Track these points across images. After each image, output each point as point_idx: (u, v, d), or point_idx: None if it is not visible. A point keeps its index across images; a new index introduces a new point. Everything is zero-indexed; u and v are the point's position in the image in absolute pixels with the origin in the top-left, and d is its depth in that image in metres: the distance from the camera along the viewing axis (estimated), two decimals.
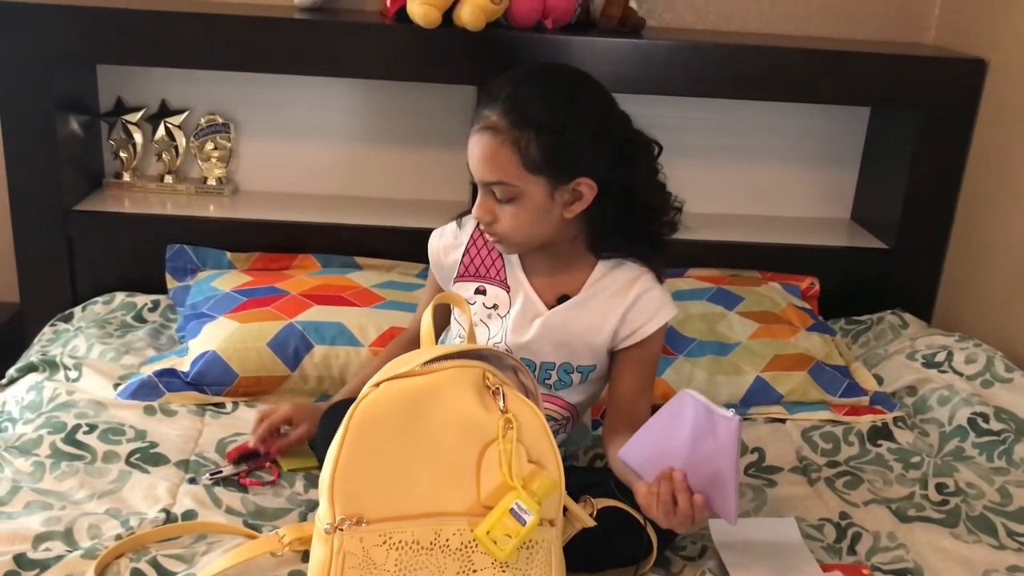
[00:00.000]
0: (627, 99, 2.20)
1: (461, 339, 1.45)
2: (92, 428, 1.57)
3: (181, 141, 2.21)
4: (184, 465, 1.52)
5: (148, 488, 1.44)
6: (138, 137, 2.20)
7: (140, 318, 2.01)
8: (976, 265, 2.11)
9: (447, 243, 1.50)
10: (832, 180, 2.39)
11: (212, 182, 2.23)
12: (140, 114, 2.18)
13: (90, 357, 1.80)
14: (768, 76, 2.05)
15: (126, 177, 2.22)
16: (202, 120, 2.20)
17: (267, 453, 1.53)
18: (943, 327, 2.12)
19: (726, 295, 2.02)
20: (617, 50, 2.00)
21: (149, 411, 1.66)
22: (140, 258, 2.09)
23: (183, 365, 1.75)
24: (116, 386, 1.71)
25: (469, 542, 1.08)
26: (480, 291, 1.45)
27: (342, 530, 1.07)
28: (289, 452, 1.54)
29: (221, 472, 1.49)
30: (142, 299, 2.05)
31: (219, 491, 1.45)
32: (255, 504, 1.43)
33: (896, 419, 1.78)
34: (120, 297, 2.05)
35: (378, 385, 1.11)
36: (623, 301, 1.40)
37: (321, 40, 1.97)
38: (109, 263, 2.10)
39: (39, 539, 1.28)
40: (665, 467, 1.20)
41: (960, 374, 1.85)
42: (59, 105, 2.00)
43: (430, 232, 1.53)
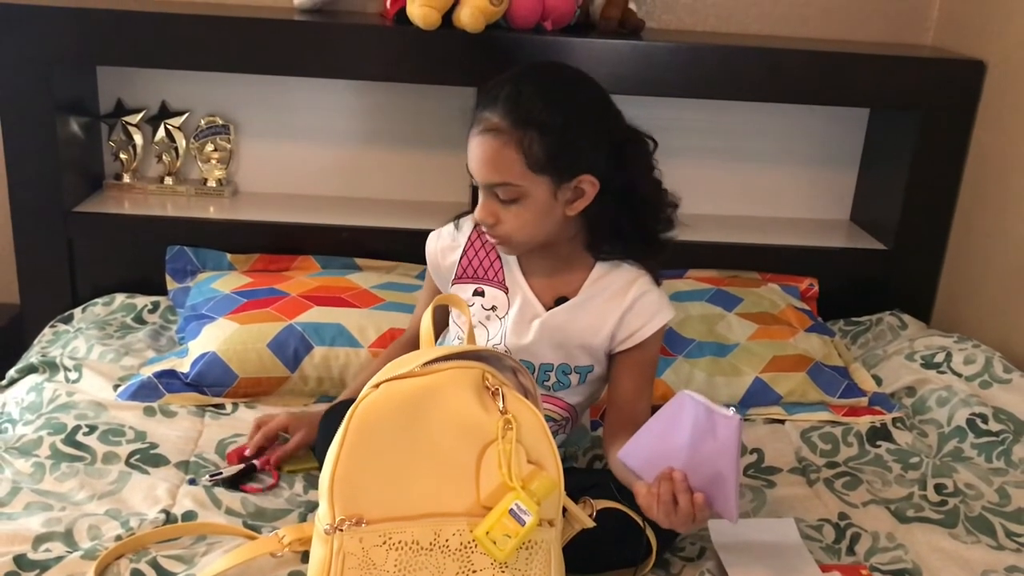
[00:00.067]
0: (626, 100, 2.20)
1: (460, 341, 1.46)
2: (92, 429, 1.57)
3: (181, 143, 2.21)
4: (184, 466, 1.53)
5: (148, 489, 1.45)
6: (138, 139, 2.20)
7: (140, 319, 2.01)
8: (975, 266, 2.11)
9: (444, 245, 1.50)
10: (831, 181, 2.39)
11: (212, 183, 2.23)
12: (140, 116, 2.19)
13: (90, 358, 1.80)
14: (767, 78, 2.05)
15: (126, 179, 2.22)
16: (202, 122, 2.20)
17: (266, 462, 1.53)
18: (942, 328, 2.12)
19: (725, 296, 2.02)
20: (616, 52, 2.00)
21: (149, 412, 1.66)
22: (140, 259, 2.09)
23: (183, 366, 1.75)
24: (116, 387, 1.71)
25: (469, 542, 1.08)
26: (478, 293, 1.45)
27: (342, 531, 1.07)
28: (288, 459, 1.55)
29: (221, 473, 1.49)
30: (142, 300, 2.05)
31: (219, 492, 1.45)
32: (255, 505, 1.43)
33: (895, 420, 1.78)
34: (120, 298, 2.05)
35: (378, 386, 1.11)
36: (621, 303, 1.40)
37: (321, 42, 1.97)
38: (109, 264, 2.10)
39: (39, 540, 1.28)
40: (665, 468, 1.20)
41: (959, 375, 1.85)
42: (59, 107, 2.00)
43: (430, 233, 1.53)
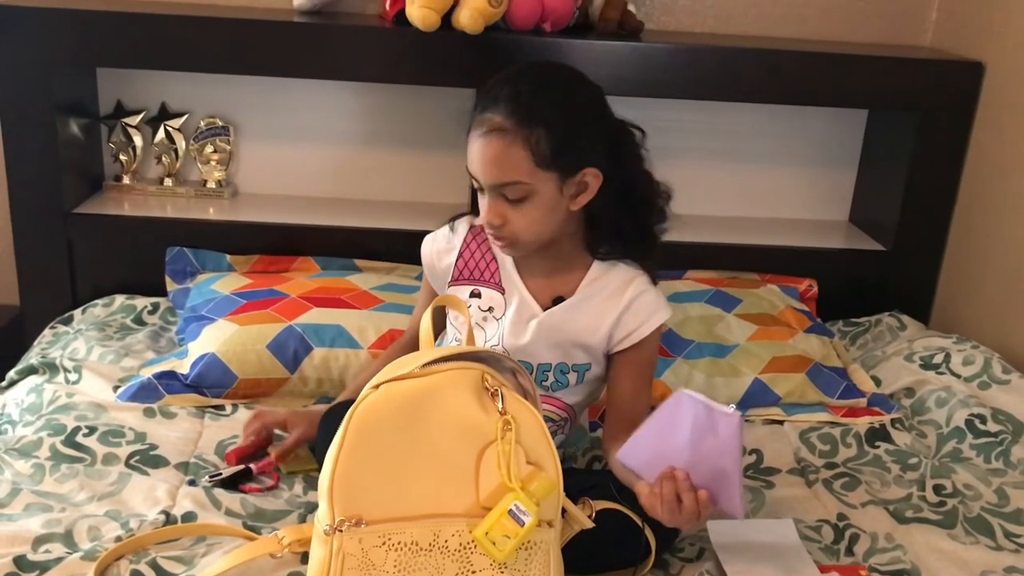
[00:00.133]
0: (625, 102, 2.21)
1: (458, 342, 1.46)
2: (92, 430, 1.58)
3: (181, 144, 2.21)
4: (184, 467, 1.53)
5: (148, 490, 1.45)
6: (138, 140, 2.20)
7: (140, 320, 2.01)
8: (974, 267, 2.12)
9: (440, 248, 1.50)
10: (830, 182, 2.39)
11: (212, 185, 2.23)
12: (140, 117, 2.19)
13: (90, 359, 1.80)
14: (766, 79, 2.06)
15: (126, 180, 2.22)
16: (202, 123, 2.21)
17: (266, 465, 1.53)
18: (941, 329, 2.13)
19: (724, 297, 2.03)
20: (615, 53, 2.01)
21: (149, 413, 1.66)
22: (140, 261, 2.10)
23: (183, 367, 1.75)
24: (116, 388, 1.72)
25: (468, 543, 1.08)
26: (475, 294, 1.45)
27: (341, 531, 1.07)
28: (286, 456, 1.55)
29: (220, 474, 1.49)
30: (142, 302, 2.05)
31: (218, 493, 1.45)
32: (255, 506, 1.43)
33: (894, 421, 1.78)
34: (120, 300, 2.05)
35: (377, 387, 1.11)
36: (618, 304, 1.41)
37: (320, 43, 1.97)
38: (109, 266, 2.10)
39: (39, 541, 1.29)
40: (666, 467, 1.20)
41: (958, 376, 1.85)
42: (59, 108, 2.00)
43: (425, 236, 1.53)
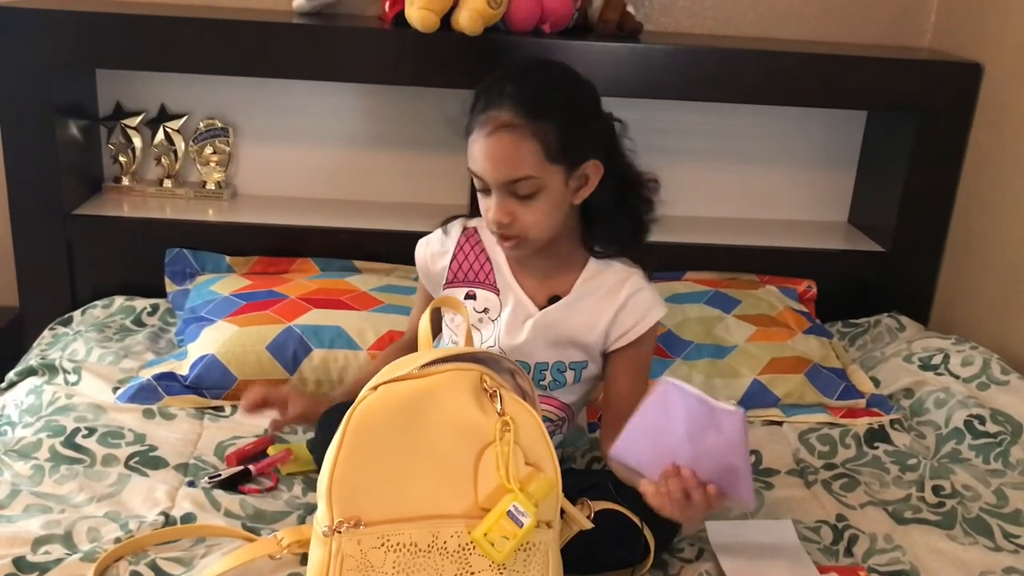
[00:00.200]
0: (625, 103, 2.21)
1: (454, 345, 1.46)
2: (91, 431, 1.58)
3: (180, 145, 2.22)
4: (183, 468, 1.53)
5: (147, 491, 1.45)
6: (137, 141, 2.20)
7: (139, 322, 2.01)
8: (973, 268, 2.12)
9: (434, 251, 1.50)
10: (829, 183, 2.39)
11: (211, 186, 2.23)
12: (139, 118, 2.19)
13: (89, 361, 1.81)
14: (765, 80, 2.06)
15: (125, 181, 2.22)
16: (201, 124, 2.21)
17: (265, 466, 1.53)
18: (940, 330, 2.13)
19: (723, 298, 2.03)
20: (615, 54, 2.01)
21: (148, 414, 1.66)
22: (139, 262, 2.10)
23: (182, 369, 1.75)
24: (115, 390, 1.72)
25: (467, 544, 1.08)
26: (470, 296, 1.46)
27: (340, 532, 1.07)
28: (278, 428, 1.50)
29: (220, 475, 1.49)
30: (141, 303, 2.06)
31: (218, 494, 1.45)
32: (254, 507, 1.43)
33: (893, 421, 1.78)
34: (119, 301, 2.05)
35: (376, 388, 1.11)
36: (614, 302, 1.41)
37: (320, 45, 1.97)
38: (108, 267, 2.10)
39: (38, 542, 1.29)
40: (667, 463, 1.20)
41: (956, 377, 1.86)
42: (58, 110, 2.00)
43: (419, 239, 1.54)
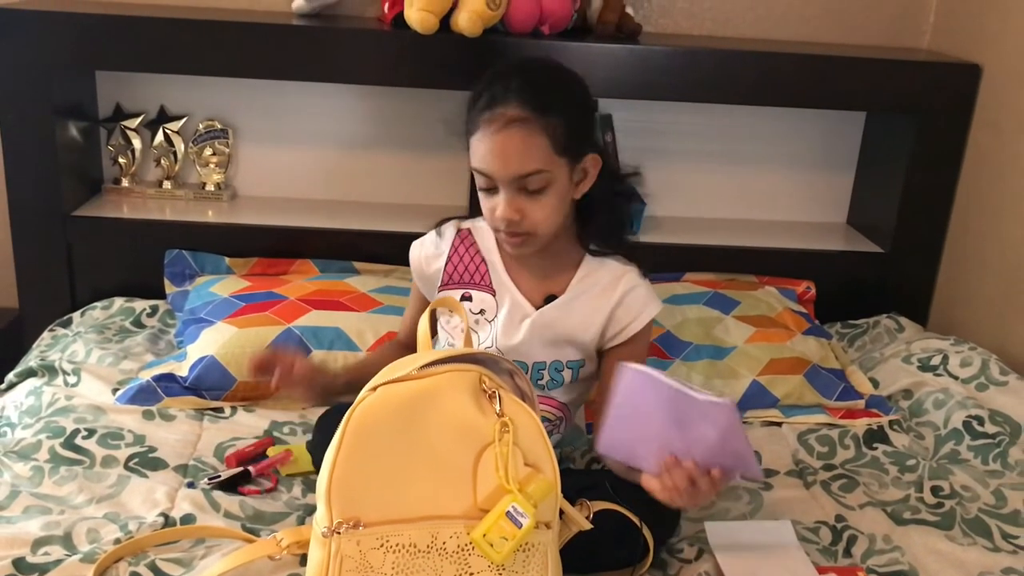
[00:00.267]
0: (624, 104, 2.22)
1: (450, 346, 1.46)
2: (91, 433, 1.58)
3: (180, 147, 2.22)
4: (183, 470, 1.53)
5: (147, 492, 1.45)
6: (137, 143, 2.20)
7: (139, 323, 2.01)
8: (971, 269, 2.12)
9: (428, 253, 1.50)
10: (828, 184, 2.39)
11: (210, 187, 2.23)
12: (139, 120, 2.19)
13: (89, 362, 1.81)
14: (764, 81, 2.06)
15: (125, 183, 2.22)
16: (200, 126, 2.21)
17: (265, 467, 1.54)
18: (939, 331, 2.13)
19: (722, 299, 2.03)
20: (614, 56, 2.01)
21: (148, 416, 1.66)
22: (139, 263, 2.10)
23: (181, 370, 1.75)
24: (115, 391, 1.72)
25: (466, 545, 1.08)
26: (466, 298, 1.46)
27: (339, 533, 1.07)
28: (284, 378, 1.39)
29: (219, 476, 1.49)
30: (141, 304, 2.06)
31: (217, 495, 1.45)
32: (253, 508, 1.43)
33: (892, 422, 1.79)
34: (119, 302, 2.05)
35: (375, 389, 1.12)
36: (610, 299, 1.42)
37: (319, 46, 1.98)
38: (108, 268, 2.11)
39: (38, 543, 1.29)
40: (659, 451, 1.19)
41: (955, 377, 1.86)
42: (58, 111, 2.01)
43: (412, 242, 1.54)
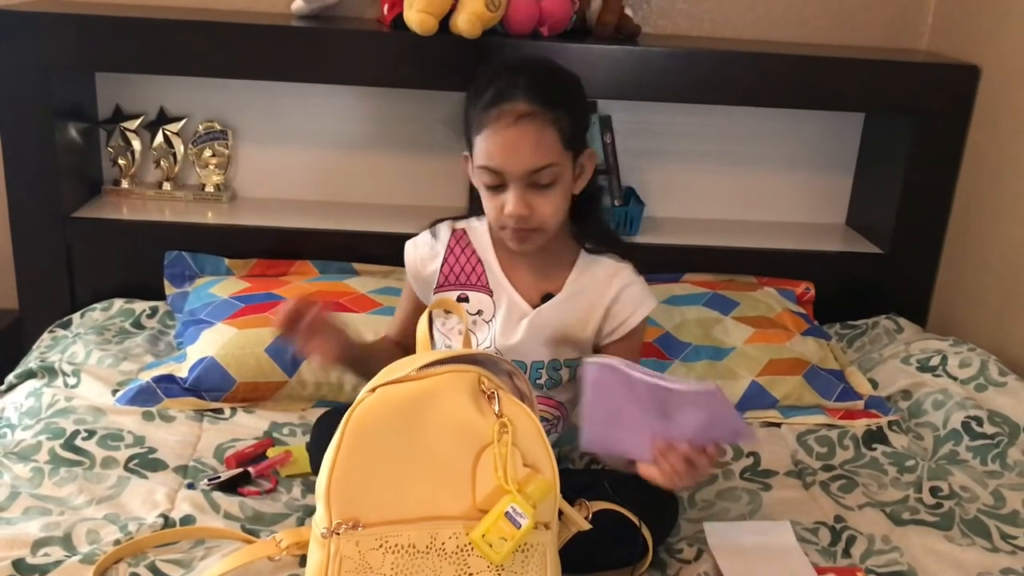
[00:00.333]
0: (623, 105, 2.23)
1: (448, 348, 1.46)
2: (91, 434, 1.58)
3: (179, 148, 2.22)
4: (182, 471, 1.53)
5: (147, 493, 1.45)
6: (136, 144, 2.20)
7: (138, 324, 2.01)
8: (970, 270, 2.12)
9: (423, 254, 1.50)
10: (827, 185, 2.39)
11: (210, 189, 2.24)
12: (138, 121, 2.19)
13: (89, 363, 1.81)
14: (763, 82, 2.06)
15: (124, 184, 2.22)
16: (200, 127, 2.21)
17: (264, 468, 1.54)
18: (938, 331, 2.13)
19: (721, 300, 2.03)
20: (613, 57, 2.01)
21: (148, 417, 1.66)
22: (138, 265, 2.10)
23: (181, 371, 1.76)
24: (115, 392, 1.72)
25: (465, 546, 1.08)
26: (462, 299, 1.45)
27: (338, 534, 1.07)
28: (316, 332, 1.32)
29: (219, 477, 1.50)
30: (140, 305, 2.06)
31: (217, 496, 1.45)
32: (253, 509, 1.44)
33: (891, 423, 1.79)
34: (118, 303, 2.06)
35: (374, 390, 1.12)
36: (605, 296, 1.43)
37: (319, 47, 1.98)
38: (107, 270, 2.11)
39: (38, 544, 1.29)
40: (649, 438, 1.18)
41: (954, 378, 1.86)
42: (58, 113, 2.01)
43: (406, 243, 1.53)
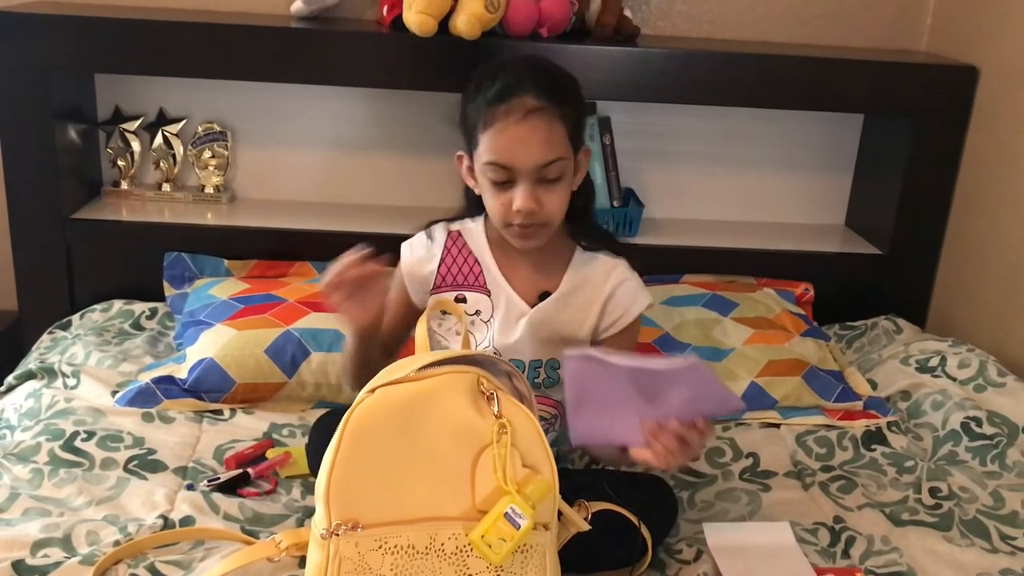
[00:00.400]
0: (622, 106, 2.23)
1: (444, 349, 1.46)
2: (90, 435, 1.58)
3: (179, 149, 2.22)
4: (182, 472, 1.53)
5: (146, 495, 1.45)
6: (136, 145, 2.20)
7: (138, 326, 2.01)
8: (969, 270, 2.12)
9: (420, 256, 1.49)
10: (826, 186, 2.39)
11: (209, 190, 2.24)
12: (138, 123, 2.19)
13: (88, 364, 1.81)
14: (762, 83, 2.06)
15: (124, 185, 2.22)
16: (199, 128, 2.21)
17: (264, 469, 1.53)
18: (937, 332, 2.13)
19: (721, 301, 2.03)
20: (612, 58, 2.01)
21: (147, 418, 1.66)
22: (138, 266, 2.10)
23: (181, 372, 1.76)
24: (114, 393, 1.72)
25: (464, 546, 1.09)
26: (460, 299, 1.45)
27: (338, 535, 1.07)
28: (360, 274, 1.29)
29: (219, 478, 1.50)
30: (140, 307, 2.06)
31: (217, 497, 1.45)
32: (252, 510, 1.44)
33: (890, 423, 1.79)
34: (118, 305, 2.06)
35: (373, 391, 1.12)
36: (601, 293, 1.44)
37: (318, 49, 1.98)
38: (107, 271, 2.11)
39: (37, 545, 1.29)
40: (638, 422, 1.18)
41: (953, 379, 1.86)
42: (57, 114, 2.01)
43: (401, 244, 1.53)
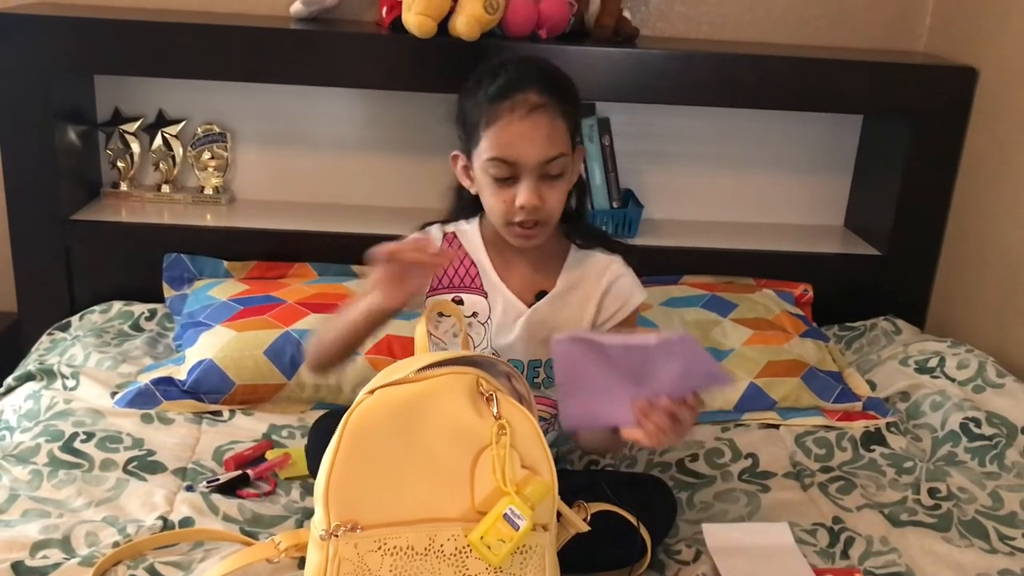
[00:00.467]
0: (621, 107, 2.23)
1: (442, 350, 1.46)
2: (90, 436, 1.58)
3: (178, 151, 2.22)
4: (181, 473, 1.53)
5: (145, 496, 1.45)
6: (135, 147, 2.21)
7: (137, 327, 2.02)
8: (968, 271, 2.12)
9: None
10: (825, 187, 2.40)
11: (209, 191, 2.24)
12: (137, 124, 2.19)
13: (87, 366, 1.81)
14: (761, 84, 2.06)
15: (123, 186, 2.22)
16: (199, 130, 2.21)
17: (263, 471, 1.53)
18: (936, 333, 2.13)
19: (720, 302, 2.03)
20: (611, 59, 2.02)
21: (146, 419, 1.66)
22: (137, 267, 2.10)
23: (180, 373, 1.76)
24: (113, 394, 1.72)
25: (463, 547, 1.09)
26: (457, 301, 1.45)
27: (337, 536, 1.07)
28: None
29: (218, 480, 1.50)
30: (139, 308, 2.06)
31: (216, 498, 1.45)
32: (252, 511, 1.44)
33: (889, 424, 1.79)
34: (117, 306, 2.06)
35: (372, 392, 1.12)
36: (597, 289, 1.44)
37: (317, 50, 1.98)
38: (106, 272, 2.11)
39: (37, 547, 1.29)
40: (632, 401, 1.18)
41: (952, 379, 1.86)
42: (57, 115, 2.01)
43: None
